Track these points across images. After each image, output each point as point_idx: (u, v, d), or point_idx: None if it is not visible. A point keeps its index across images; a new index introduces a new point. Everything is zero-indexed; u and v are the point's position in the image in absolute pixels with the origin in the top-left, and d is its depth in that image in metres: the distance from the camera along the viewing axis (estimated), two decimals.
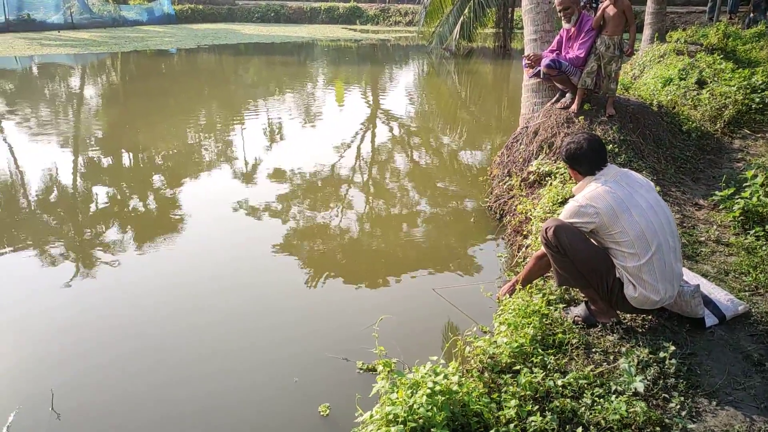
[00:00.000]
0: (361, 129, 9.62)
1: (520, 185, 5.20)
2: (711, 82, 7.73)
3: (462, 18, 17.91)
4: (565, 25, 5.50)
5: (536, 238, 3.98)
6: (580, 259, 2.85)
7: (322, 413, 2.93)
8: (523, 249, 4.27)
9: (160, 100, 11.89)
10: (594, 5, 6.39)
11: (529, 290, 3.28)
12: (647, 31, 12.20)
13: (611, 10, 5.15)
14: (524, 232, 4.50)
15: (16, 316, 3.82)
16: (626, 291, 2.83)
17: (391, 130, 9.79)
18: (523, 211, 4.69)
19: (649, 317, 3.04)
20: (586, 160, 2.97)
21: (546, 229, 2.90)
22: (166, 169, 7.24)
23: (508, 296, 3.27)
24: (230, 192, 6.36)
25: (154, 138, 8.66)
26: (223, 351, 3.48)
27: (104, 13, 28.87)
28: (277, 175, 6.98)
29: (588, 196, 2.87)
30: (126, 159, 7.76)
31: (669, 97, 7.09)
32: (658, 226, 2.80)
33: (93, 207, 5.98)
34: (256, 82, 14.99)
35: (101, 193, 6.31)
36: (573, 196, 3.07)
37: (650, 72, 9.19)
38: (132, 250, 4.90)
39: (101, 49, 20.00)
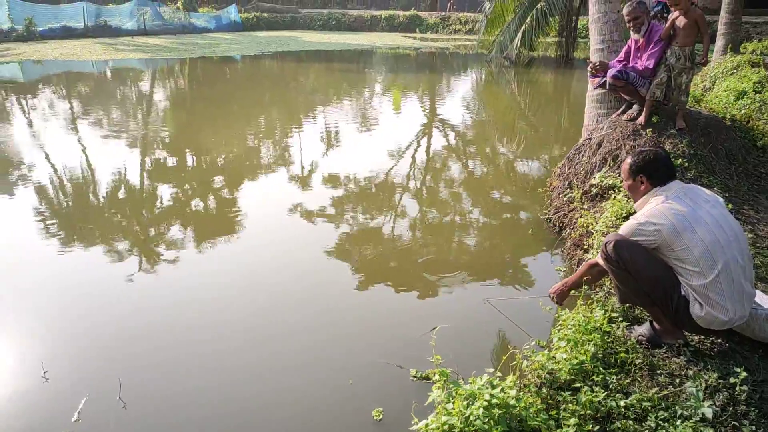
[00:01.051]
0: (416, 136, 9.64)
1: (582, 198, 5.08)
2: None
3: (524, 26, 17.70)
4: (634, 36, 5.35)
5: (597, 252, 3.87)
6: (642, 276, 2.75)
7: (375, 417, 2.95)
8: (583, 263, 4.16)
9: (223, 105, 12.29)
10: (664, 15, 6.18)
11: (590, 305, 3.20)
12: (720, 42, 11.71)
13: (681, 21, 4.97)
14: (584, 246, 4.38)
15: (85, 308, 4.01)
16: (692, 310, 2.72)
17: (446, 138, 9.76)
18: (584, 225, 4.58)
19: (719, 340, 2.90)
20: (658, 170, 2.88)
21: (606, 243, 2.82)
22: (226, 171, 7.47)
23: (557, 300, 3.21)
24: (287, 195, 6.49)
25: (217, 141, 8.95)
26: (281, 351, 3.55)
27: (175, 20, 30.18)
28: (333, 179, 7.08)
29: (648, 214, 2.79)
30: (189, 161, 8.06)
31: (743, 111, 6.76)
32: (725, 243, 2.67)
33: (158, 205, 6.24)
34: (315, 89, 15.27)
35: (165, 193, 6.57)
36: (634, 212, 2.98)
37: (722, 84, 8.80)
38: (193, 248, 5.08)
39: (171, 54, 20.89)
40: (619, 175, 4.88)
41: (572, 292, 3.26)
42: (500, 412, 2.17)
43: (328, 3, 42.79)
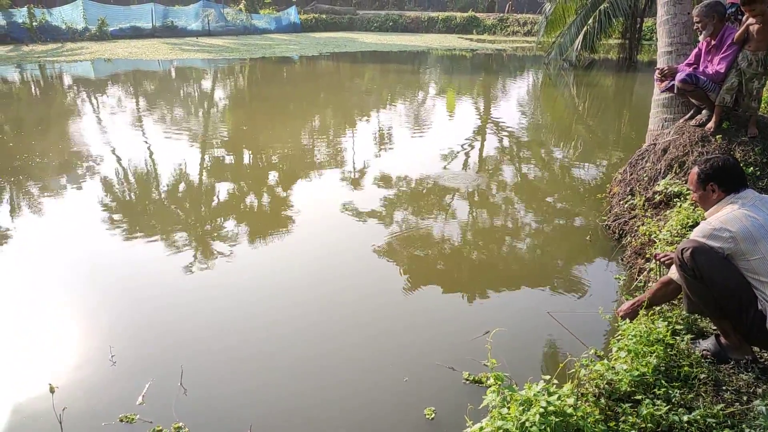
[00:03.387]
0: (470, 138, 9.57)
1: (644, 205, 4.93)
2: None
3: (585, 28, 17.27)
4: (701, 37, 5.16)
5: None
6: (718, 286, 2.63)
7: (428, 416, 2.96)
8: (645, 272, 4.04)
9: (280, 104, 12.55)
10: (738, 17, 5.92)
11: (652, 316, 3.10)
12: None
13: (755, 26, 4.75)
14: (646, 255, 4.25)
15: (151, 296, 4.19)
16: None
17: (501, 141, 9.64)
18: (647, 233, 4.43)
19: None
20: (730, 176, 2.78)
21: (683, 249, 2.69)
22: (281, 169, 7.63)
23: (629, 320, 3.10)
24: (339, 194, 6.57)
25: (272, 139, 9.16)
26: (337, 348, 3.60)
27: (237, 21, 31.08)
28: (385, 180, 7.12)
29: (723, 219, 2.67)
30: (246, 158, 8.27)
31: None
32: None
33: (215, 201, 6.44)
34: (370, 89, 15.39)
35: (222, 189, 6.77)
36: (705, 219, 2.86)
37: None
38: (248, 243, 5.21)
39: (233, 54, 21.51)
40: (685, 183, 4.70)
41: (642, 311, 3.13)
42: (557, 419, 2.14)
43: (386, 4, 43.03)
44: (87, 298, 4.15)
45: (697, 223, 3.77)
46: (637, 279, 4.05)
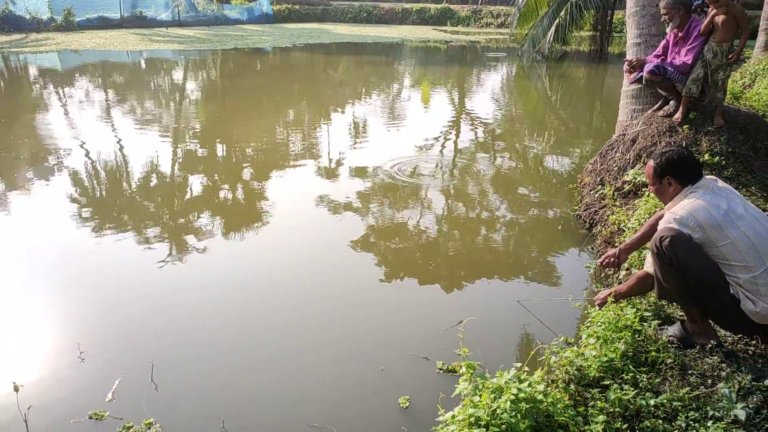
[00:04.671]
0: (445, 130, 9.59)
1: (614, 195, 5.00)
2: None
3: (557, 20, 17.41)
4: (668, 29, 5.25)
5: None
6: (692, 274, 2.67)
7: (402, 405, 2.98)
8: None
9: (253, 96, 12.41)
10: (705, 9, 6.03)
11: (620, 304, 3.15)
12: (761, 38, 11.34)
13: (720, 17, 4.84)
14: (616, 244, 4.32)
15: (120, 291, 4.12)
16: (745, 307, 2.64)
17: (475, 132, 9.69)
18: (616, 222, 4.51)
19: (753, 341, 2.84)
20: (685, 168, 2.84)
21: (661, 238, 2.70)
22: (255, 162, 7.55)
23: (598, 308, 3.15)
24: (315, 187, 6.53)
25: (247, 132, 9.05)
26: (312, 339, 3.60)
27: (208, 11, 30.55)
28: (360, 172, 7.10)
29: (688, 209, 2.72)
30: (219, 151, 8.16)
31: None
32: (767, 237, 2.65)
33: (188, 194, 6.34)
34: (344, 81, 15.30)
35: (195, 182, 6.67)
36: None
37: (763, 81, 8.55)
38: (222, 237, 5.16)
39: (204, 45, 21.16)
40: None
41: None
42: (527, 406, 2.17)
43: None
44: (54, 294, 4.06)
45: None
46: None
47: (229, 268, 4.57)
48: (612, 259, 3.32)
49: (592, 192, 5.41)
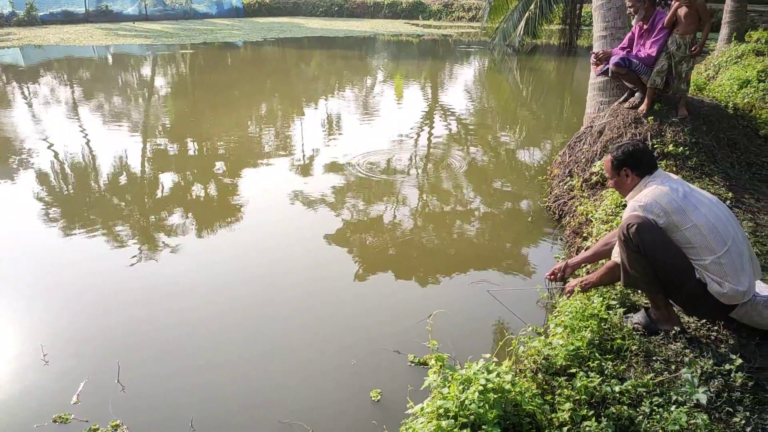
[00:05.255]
0: (418, 124, 9.61)
1: (582, 186, 5.07)
2: None
3: (527, 14, 17.54)
4: (633, 21, 5.33)
5: (596, 241, 3.87)
6: (659, 260, 2.73)
7: (373, 398, 2.99)
8: (582, 251, 4.16)
9: (225, 92, 12.24)
10: (668, 2, 6.14)
11: (587, 293, 3.20)
12: (724, 30, 11.60)
13: (683, 9, 4.93)
14: (584, 234, 4.38)
15: (86, 291, 4.04)
16: (712, 289, 2.71)
17: (448, 126, 9.72)
18: (584, 213, 4.58)
19: (716, 327, 2.91)
20: (643, 159, 2.93)
21: (628, 225, 2.75)
22: (227, 158, 7.46)
23: (566, 297, 3.20)
24: (287, 182, 6.49)
25: (218, 128, 8.93)
26: (283, 335, 3.59)
27: (176, 5, 29.98)
28: (334, 167, 7.06)
29: (651, 195, 2.79)
30: (191, 148, 8.04)
31: (746, 100, 6.73)
32: (726, 220, 2.74)
33: (158, 192, 6.24)
34: (317, 76, 15.20)
35: (166, 180, 6.56)
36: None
37: (726, 73, 8.75)
38: (193, 234, 5.09)
39: (172, 40, 20.78)
40: None
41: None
42: (495, 396, 2.18)
43: None
44: (17, 295, 3.96)
45: None
46: (582, 253, 4.16)
47: (198, 266, 4.51)
48: (558, 273, 3.39)
49: (561, 184, 5.48)
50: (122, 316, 3.73)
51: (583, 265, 3.45)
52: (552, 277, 3.45)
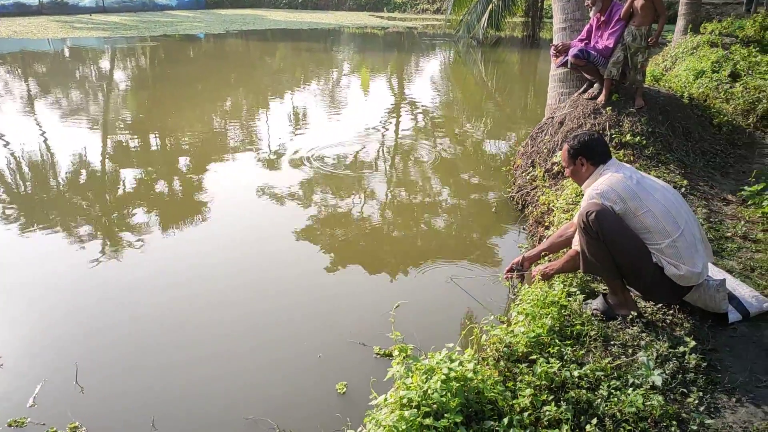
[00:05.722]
0: (385, 117, 9.60)
1: (544, 176, 5.15)
2: (745, 75, 7.52)
3: (490, 6, 17.67)
4: (591, 13, 5.42)
5: (557, 229, 3.94)
6: (617, 246, 2.79)
7: (339, 391, 3.00)
8: (545, 240, 4.23)
9: (187, 85, 12.01)
10: None
11: (549, 281, 3.25)
12: (681, 22, 11.90)
13: (639, 2, 5.04)
14: (546, 223, 4.45)
15: (43, 291, 3.92)
16: (670, 272, 2.79)
17: (415, 119, 9.75)
18: (546, 202, 4.65)
19: (671, 312, 3.00)
20: (598, 149, 2.99)
21: (587, 213, 2.80)
22: (191, 153, 7.33)
23: (529, 285, 3.26)
24: (254, 177, 6.41)
25: (182, 122, 8.76)
26: (247, 329, 3.56)
27: None
28: (301, 161, 7.02)
29: (606, 183, 2.86)
30: (153, 143, 7.88)
31: (701, 90, 6.92)
32: (677, 205, 2.84)
33: (120, 189, 6.10)
34: (282, 69, 15.04)
35: (128, 176, 6.42)
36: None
37: (682, 64, 8.98)
38: (156, 231, 4.99)
39: (131, 32, 20.27)
40: None
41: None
42: (458, 385, 2.21)
43: None
44: None
45: None
46: (538, 246, 4.23)
47: (158, 265, 4.42)
48: (516, 268, 3.46)
49: (524, 174, 5.55)
50: (81, 316, 3.64)
51: (543, 254, 3.51)
52: (510, 273, 3.50)
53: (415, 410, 2.13)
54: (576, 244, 3.07)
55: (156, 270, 4.31)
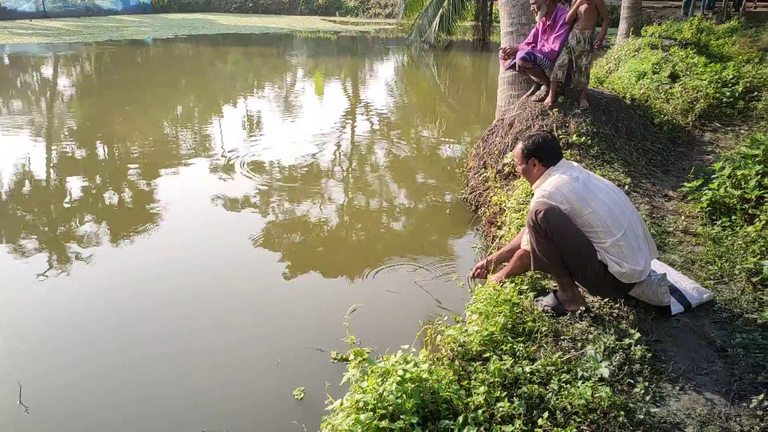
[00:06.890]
0: (340, 122, 9.60)
1: (496, 177, 5.25)
2: (684, 76, 7.86)
3: (441, 10, 17.90)
4: (537, 17, 5.57)
5: (510, 229, 4.03)
6: (565, 244, 2.89)
7: (296, 397, 2.99)
8: (497, 240, 4.32)
9: (136, 92, 11.71)
10: None
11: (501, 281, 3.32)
12: (623, 25, 12.32)
13: (583, 6, 5.21)
14: (498, 223, 4.54)
15: None
16: (613, 270, 2.89)
17: (370, 122, 9.78)
18: (498, 203, 4.74)
19: (617, 305, 3.11)
20: (550, 150, 3.07)
21: (536, 212, 2.90)
22: (142, 162, 7.15)
23: (480, 285, 3.32)
24: (208, 185, 6.30)
25: (130, 130, 8.54)
26: (201, 337, 3.50)
27: (78, 1, 28.28)
28: (255, 167, 6.94)
29: (553, 185, 2.95)
30: (101, 151, 7.65)
31: (642, 91, 7.19)
32: (621, 204, 2.96)
33: (67, 200, 5.90)
34: (234, 74, 14.84)
35: (75, 186, 6.21)
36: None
37: (625, 66, 9.30)
38: (107, 243, 4.85)
39: (74, 38, 19.62)
40: None
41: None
42: (413, 386, 2.23)
43: None
44: None
45: None
46: (491, 246, 4.32)
47: (108, 274, 4.30)
48: (482, 270, 3.54)
49: (476, 175, 5.65)
50: (23, 333, 3.50)
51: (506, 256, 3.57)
52: (477, 273, 3.56)
53: (371, 413, 2.14)
54: (525, 244, 3.15)
55: (103, 280, 4.19)
